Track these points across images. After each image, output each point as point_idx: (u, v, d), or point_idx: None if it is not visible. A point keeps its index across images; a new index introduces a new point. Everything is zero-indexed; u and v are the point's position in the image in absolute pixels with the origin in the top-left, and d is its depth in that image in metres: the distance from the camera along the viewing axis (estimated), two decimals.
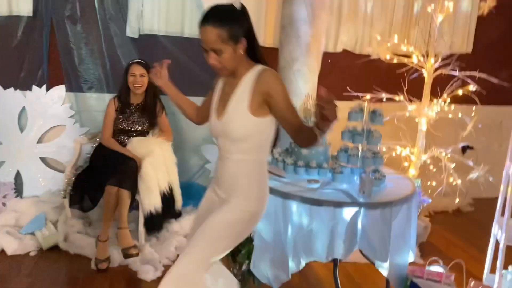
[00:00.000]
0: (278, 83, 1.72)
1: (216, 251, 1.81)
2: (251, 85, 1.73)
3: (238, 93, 1.76)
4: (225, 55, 1.67)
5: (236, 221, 1.82)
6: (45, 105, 3.55)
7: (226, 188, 1.87)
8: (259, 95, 1.72)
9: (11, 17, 3.39)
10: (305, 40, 3.43)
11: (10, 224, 3.23)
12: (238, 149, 1.80)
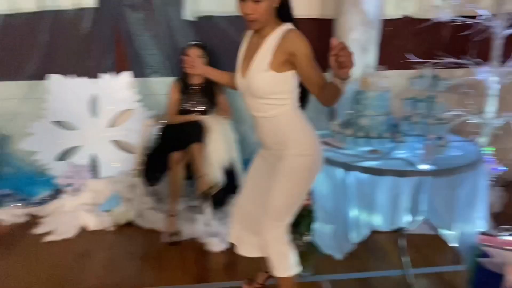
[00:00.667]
0: (302, 43, 1.76)
1: (294, 203, 1.97)
2: (275, 43, 1.79)
3: (262, 51, 1.83)
4: (262, 4, 1.74)
5: (299, 169, 1.93)
6: (114, 91, 3.76)
7: (273, 145, 1.97)
8: (283, 54, 1.77)
9: (78, 10, 3.59)
10: (362, 8, 3.33)
11: (89, 202, 3.51)
12: (267, 106, 1.88)
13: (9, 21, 3.52)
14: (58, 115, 3.71)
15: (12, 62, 3.62)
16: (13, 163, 3.75)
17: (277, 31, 1.82)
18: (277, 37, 1.81)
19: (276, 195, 1.95)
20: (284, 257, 2.01)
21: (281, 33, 1.81)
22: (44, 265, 2.77)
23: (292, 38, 1.78)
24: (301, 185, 1.98)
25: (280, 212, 1.97)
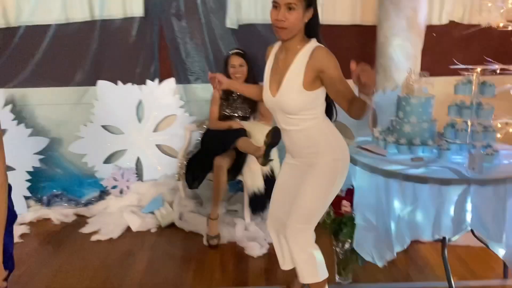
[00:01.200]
0: (330, 59, 1.80)
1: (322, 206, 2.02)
2: (305, 62, 1.81)
3: (292, 69, 1.85)
4: (295, 13, 1.78)
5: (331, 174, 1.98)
6: (158, 97, 3.88)
7: (304, 155, 2.00)
8: (313, 71, 1.80)
9: (126, 19, 3.76)
10: (405, 14, 3.28)
11: (134, 204, 3.63)
12: (297, 120, 1.92)
13: (62, 30, 3.73)
14: (105, 120, 3.87)
15: (64, 69, 3.82)
16: (63, 165, 3.94)
17: (306, 48, 1.85)
18: (306, 54, 1.83)
19: (307, 198, 1.97)
20: (311, 263, 2.00)
21: (310, 50, 1.84)
22: (90, 264, 2.89)
23: (321, 56, 1.81)
24: (331, 189, 2.01)
25: (309, 215, 2.00)
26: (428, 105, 2.56)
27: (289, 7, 1.77)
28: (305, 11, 1.81)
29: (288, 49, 1.89)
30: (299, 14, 1.79)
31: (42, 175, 3.80)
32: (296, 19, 1.79)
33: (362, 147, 2.63)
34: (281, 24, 1.80)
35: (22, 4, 3.65)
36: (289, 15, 1.78)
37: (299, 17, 1.79)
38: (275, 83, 1.93)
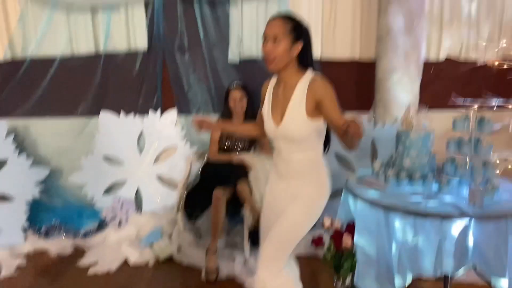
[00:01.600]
0: (327, 90, 1.86)
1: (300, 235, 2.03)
2: (305, 92, 1.88)
3: (294, 99, 1.91)
4: (281, 45, 1.85)
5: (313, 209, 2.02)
6: (159, 128, 3.92)
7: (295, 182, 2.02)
8: (312, 101, 1.87)
9: (130, 53, 3.84)
10: (403, 50, 3.36)
11: (132, 236, 3.60)
12: (298, 148, 1.97)
13: (66, 63, 3.80)
14: (106, 150, 3.89)
15: (67, 101, 3.87)
16: (62, 196, 3.94)
17: (304, 79, 1.91)
18: (305, 85, 1.89)
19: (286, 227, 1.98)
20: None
21: (308, 81, 1.89)
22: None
23: (319, 86, 1.86)
24: (310, 222, 2.04)
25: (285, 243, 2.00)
26: (427, 140, 2.58)
27: (275, 40, 1.85)
28: (293, 43, 1.87)
29: (286, 82, 1.95)
30: (286, 46, 1.86)
31: (41, 206, 3.79)
32: (283, 50, 1.86)
33: (363, 180, 2.64)
34: (268, 56, 1.88)
35: (28, 38, 3.75)
36: (276, 47, 1.86)
37: (286, 48, 1.86)
38: (278, 114, 1.98)
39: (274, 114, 2.01)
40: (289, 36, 1.86)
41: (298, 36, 1.88)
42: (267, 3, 3.80)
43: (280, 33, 1.85)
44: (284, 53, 1.86)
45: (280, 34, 1.85)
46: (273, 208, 2.11)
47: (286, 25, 1.86)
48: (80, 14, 3.72)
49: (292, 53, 1.88)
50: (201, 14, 3.80)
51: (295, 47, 1.88)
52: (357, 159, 3.67)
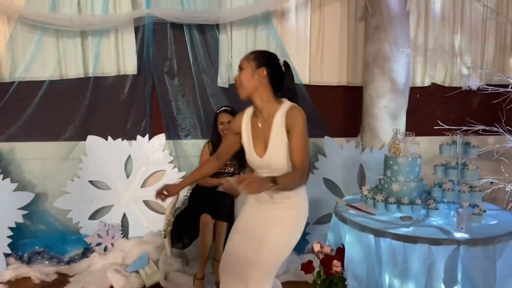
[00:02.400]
0: (300, 120, 1.95)
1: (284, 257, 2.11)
2: (283, 122, 1.97)
3: (275, 130, 2.00)
4: (244, 72, 2.01)
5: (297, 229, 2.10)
6: (147, 152, 3.89)
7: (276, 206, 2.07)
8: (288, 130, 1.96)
9: (119, 76, 3.84)
10: (390, 77, 3.43)
11: (118, 262, 3.52)
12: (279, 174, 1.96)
13: (55, 86, 3.78)
14: (93, 175, 3.84)
15: (55, 124, 3.83)
16: (46, 221, 3.84)
17: (281, 109, 2.00)
18: (283, 115, 1.98)
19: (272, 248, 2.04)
20: None
21: (285, 110, 1.99)
22: None
23: (293, 115, 1.96)
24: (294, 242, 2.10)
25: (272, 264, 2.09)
26: (415, 165, 2.61)
27: (240, 69, 2.04)
28: (256, 69, 2.00)
29: (264, 113, 2.04)
30: (248, 74, 2.00)
31: (24, 231, 3.70)
32: (245, 78, 2.01)
33: (351, 205, 2.64)
34: (236, 84, 2.06)
35: (17, 60, 3.73)
36: (241, 75, 2.03)
37: (249, 75, 2.00)
38: (260, 146, 2.05)
39: (256, 146, 2.08)
40: (251, 64, 2.01)
41: (261, 63, 2.01)
42: (255, 29, 3.87)
43: (245, 62, 2.03)
44: (248, 79, 2.00)
45: (244, 64, 2.03)
46: (250, 232, 2.13)
47: (250, 55, 2.05)
48: (69, 38, 3.73)
49: (254, 78, 2.00)
50: (190, 39, 3.84)
51: (257, 72, 2.00)
52: (345, 184, 3.68)
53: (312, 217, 3.73)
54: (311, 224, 3.72)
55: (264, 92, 2.02)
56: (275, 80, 2.03)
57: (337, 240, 2.63)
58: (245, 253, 2.08)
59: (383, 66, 3.45)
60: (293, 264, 3.40)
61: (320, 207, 3.69)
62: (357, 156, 3.62)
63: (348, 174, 3.65)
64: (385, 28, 3.39)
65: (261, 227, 2.08)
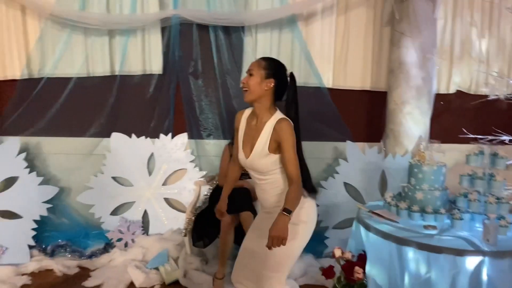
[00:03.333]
0: (289, 133, 2.04)
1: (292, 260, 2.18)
2: (270, 132, 2.08)
3: (261, 137, 2.11)
4: (253, 78, 2.09)
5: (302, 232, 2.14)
6: (170, 151, 3.94)
7: (271, 206, 2.17)
8: (274, 141, 2.07)
9: (145, 75, 3.90)
10: (415, 83, 3.41)
11: (138, 258, 3.57)
12: (268, 177, 2.14)
13: (82, 83, 3.85)
14: (116, 171, 3.90)
15: (80, 120, 3.90)
16: (69, 215, 3.91)
17: (272, 119, 2.10)
18: (271, 126, 2.08)
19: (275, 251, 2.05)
20: None
21: (274, 122, 2.08)
22: None
23: (280, 129, 2.05)
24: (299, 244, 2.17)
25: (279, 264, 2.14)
26: (440, 173, 2.59)
27: (250, 74, 2.11)
28: (265, 78, 2.08)
29: (258, 117, 2.15)
30: (257, 79, 2.08)
31: (48, 224, 3.78)
32: (254, 83, 2.09)
33: (374, 212, 2.64)
34: (243, 86, 2.12)
35: (46, 57, 3.81)
36: (249, 80, 2.10)
37: (257, 82, 2.08)
38: (248, 147, 2.17)
39: (244, 146, 2.20)
40: (261, 72, 2.09)
41: (270, 74, 2.09)
42: (280, 32, 3.88)
43: (255, 68, 2.10)
44: (255, 85, 2.08)
45: (255, 69, 2.10)
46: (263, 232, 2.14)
47: (262, 63, 2.12)
48: (97, 36, 3.79)
49: (262, 87, 2.08)
50: (215, 40, 3.87)
51: (266, 82, 2.08)
52: (366, 189, 3.67)
53: (331, 222, 3.72)
54: (330, 228, 3.72)
55: (266, 101, 2.11)
56: (279, 91, 2.12)
57: (359, 246, 2.63)
58: (257, 250, 2.16)
59: (408, 72, 3.42)
60: (311, 267, 3.41)
61: (340, 211, 3.68)
62: (379, 162, 3.61)
63: (369, 180, 3.64)
64: (412, 34, 3.37)
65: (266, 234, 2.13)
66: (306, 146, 3.94)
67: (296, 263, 3.37)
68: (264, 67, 2.10)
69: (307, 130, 3.81)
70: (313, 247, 3.69)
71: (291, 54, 3.90)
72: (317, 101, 3.88)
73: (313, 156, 3.91)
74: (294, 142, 2.06)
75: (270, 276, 2.14)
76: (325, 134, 3.90)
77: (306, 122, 3.84)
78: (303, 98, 3.86)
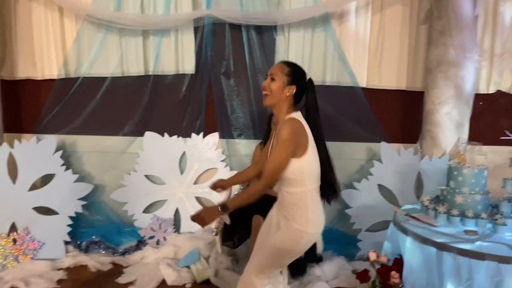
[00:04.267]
0: (285, 130, 1.96)
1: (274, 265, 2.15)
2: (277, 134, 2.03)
3: (273, 140, 2.11)
4: (276, 83, 2.06)
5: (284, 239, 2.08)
6: (201, 150, 3.96)
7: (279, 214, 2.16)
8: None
9: (178, 75, 3.93)
10: (454, 83, 3.30)
11: (170, 256, 3.60)
12: (281, 184, 2.08)
13: (116, 83, 3.92)
14: (149, 170, 3.95)
15: (115, 119, 3.97)
16: (103, 212, 4.00)
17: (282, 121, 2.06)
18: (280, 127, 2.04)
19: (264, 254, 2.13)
20: None
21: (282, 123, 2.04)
22: None
23: (282, 126, 2.00)
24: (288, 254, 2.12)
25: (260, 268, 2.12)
26: (481, 176, 2.50)
27: (272, 78, 2.07)
28: (287, 85, 2.06)
29: (277, 121, 2.12)
30: (280, 85, 2.05)
31: (83, 221, 3.87)
32: (277, 88, 2.06)
33: (411, 215, 2.57)
34: (264, 90, 2.10)
35: (82, 57, 3.89)
36: (271, 84, 2.07)
37: (280, 87, 2.05)
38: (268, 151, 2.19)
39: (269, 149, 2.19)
40: (284, 78, 2.06)
41: (293, 81, 2.07)
42: (313, 31, 3.83)
43: (278, 73, 2.07)
44: (277, 90, 2.06)
45: (278, 74, 2.07)
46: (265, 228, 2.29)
47: (285, 68, 2.08)
48: (132, 36, 3.85)
49: (284, 92, 2.05)
50: (248, 40, 3.86)
51: (288, 88, 2.06)
52: (401, 192, 3.58)
53: (364, 224, 3.65)
54: (362, 230, 3.65)
55: (285, 106, 2.08)
56: (298, 96, 2.10)
57: (394, 250, 2.57)
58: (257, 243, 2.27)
59: (447, 72, 3.31)
60: (343, 270, 3.36)
61: (373, 214, 3.61)
62: (415, 164, 3.51)
63: (404, 182, 3.54)
64: (451, 33, 3.25)
65: (269, 227, 2.24)
66: (339, 147, 3.91)
67: (328, 266, 3.37)
68: (287, 74, 2.07)
69: (340, 131, 3.82)
70: (346, 250, 3.65)
71: (324, 53, 3.84)
72: (351, 101, 3.82)
73: (346, 157, 3.88)
74: (288, 141, 1.97)
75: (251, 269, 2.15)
76: (359, 134, 3.83)
77: (339, 122, 3.83)
78: (336, 97, 3.88)
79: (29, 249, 3.51)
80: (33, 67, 3.92)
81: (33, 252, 3.52)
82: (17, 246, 3.48)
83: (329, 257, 3.50)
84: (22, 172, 3.57)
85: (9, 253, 3.45)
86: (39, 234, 3.57)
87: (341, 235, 3.85)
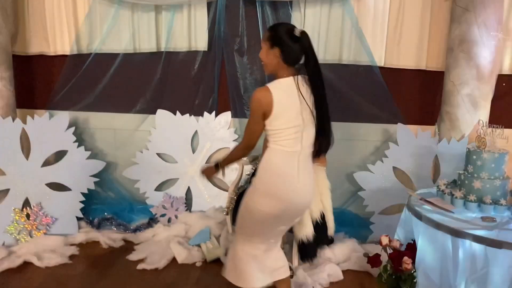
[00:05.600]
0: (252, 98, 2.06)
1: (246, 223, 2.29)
2: None
3: None
4: (262, 51, 2.13)
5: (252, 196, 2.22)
6: (213, 129, 3.91)
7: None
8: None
9: (190, 52, 3.85)
10: (476, 62, 3.15)
11: (181, 234, 3.61)
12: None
13: (128, 59, 3.86)
14: (161, 148, 3.93)
15: (127, 97, 3.94)
16: (115, 189, 4.01)
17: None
18: None
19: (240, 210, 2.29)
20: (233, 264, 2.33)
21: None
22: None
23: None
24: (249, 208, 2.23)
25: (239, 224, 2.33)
26: (501, 161, 2.40)
27: (262, 47, 2.14)
28: (270, 50, 2.07)
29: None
30: (265, 50, 2.10)
31: (95, 198, 3.89)
32: (263, 56, 2.12)
33: (426, 200, 2.49)
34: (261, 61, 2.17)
35: (94, 33, 3.84)
36: (260, 53, 2.15)
37: (265, 53, 2.10)
38: None
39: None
40: (266, 43, 2.09)
41: (274, 43, 2.06)
42: (330, 7, 3.70)
43: (263, 41, 2.13)
44: (264, 58, 2.11)
45: (262, 42, 2.13)
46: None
47: (266, 33, 2.12)
48: (144, 12, 3.77)
49: (270, 57, 2.08)
50: (262, 16, 3.74)
51: (272, 52, 2.07)
52: (417, 175, 3.48)
53: (377, 207, 3.59)
54: (376, 213, 3.59)
55: (282, 72, 2.08)
56: (289, 56, 2.06)
57: (407, 235, 2.51)
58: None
59: (469, 51, 3.17)
60: (355, 253, 3.31)
61: (387, 197, 3.53)
62: (432, 146, 3.40)
63: (420, 165, 3.45)
64: (475, 9, 3.09)
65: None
66: (354, 128, 3.82)
67: (339, 248, 3.33)
68: (267, 38, 2.08)
69: (356, 111, 3.72)
70: (358, 232, 3.60)
71: (342, 31, 3.71)
72: (368, 81, 3.69)
73: (361, 138, 3.79)
74: (251, 111, 2.06)
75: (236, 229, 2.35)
76: (375, 115, 3.72)
77: (355, 102, 3.73)
78: (353, 77, 3.76)
79: (42, 224, 3.55)
80: (46, 42, 3.89)
81: (46, 227, 3.56)
82: (30, 221, 3.52)
83: (341, 239, 3.46)
84: (35, 148, 3.58)
85: (22, 227, 3.50)
86: (52, 210, 3.60)
87: (353, 217, 3.79)
